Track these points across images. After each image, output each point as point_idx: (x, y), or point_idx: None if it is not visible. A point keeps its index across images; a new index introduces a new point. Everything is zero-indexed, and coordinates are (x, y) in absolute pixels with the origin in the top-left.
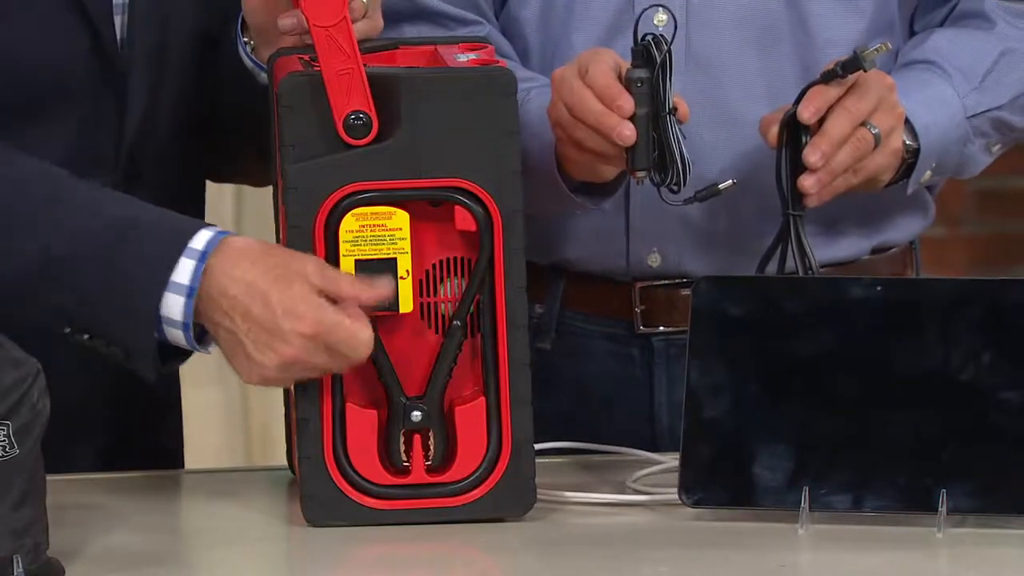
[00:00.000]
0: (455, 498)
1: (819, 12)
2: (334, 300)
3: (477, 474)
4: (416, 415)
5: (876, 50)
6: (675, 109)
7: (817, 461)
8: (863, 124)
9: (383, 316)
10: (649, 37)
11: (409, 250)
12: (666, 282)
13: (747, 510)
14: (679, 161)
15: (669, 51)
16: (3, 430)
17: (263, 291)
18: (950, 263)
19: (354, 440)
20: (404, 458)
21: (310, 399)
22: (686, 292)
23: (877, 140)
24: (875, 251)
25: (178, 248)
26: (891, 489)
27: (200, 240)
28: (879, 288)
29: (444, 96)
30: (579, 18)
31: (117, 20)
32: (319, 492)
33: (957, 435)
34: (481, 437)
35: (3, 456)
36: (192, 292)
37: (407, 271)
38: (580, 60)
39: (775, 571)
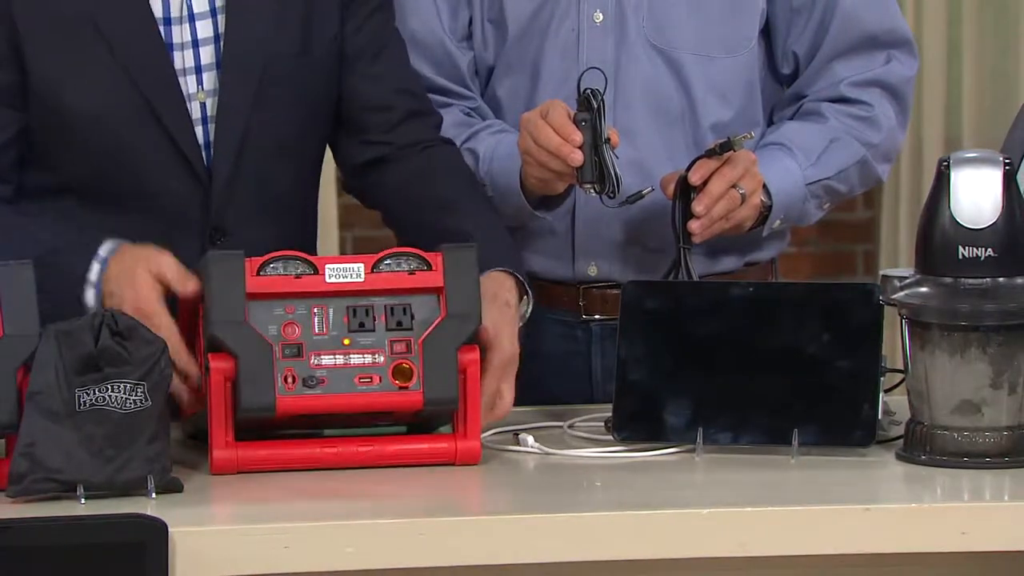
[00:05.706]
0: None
1: (702, 102)
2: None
3: None
4: None
5: (744, 137)
6: (608, 139)
7: (709, 410)
8: (734, 186)
9: None
10: (588, 91)
11: None
12: (600, 285)
13: (659, 443)
14: (613, 175)
15: (603, 100)
16: (140, 388)
17: (115, 276)
18: (799, 272)
19: None
20: None
21: None
22: (615, 292)
23: (743, 198)
24: (747, 264)
25: (90, 256)
26: (760, 429)
27: (104, 248)
28: (751, 289)
29: None
30: (540, 100)
31: (199, 130)
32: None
33: (805, 391)
34: None
35: (141, 407)
36: (98, 285)
37: None
38: (541, 107)
39: (680, 485)
